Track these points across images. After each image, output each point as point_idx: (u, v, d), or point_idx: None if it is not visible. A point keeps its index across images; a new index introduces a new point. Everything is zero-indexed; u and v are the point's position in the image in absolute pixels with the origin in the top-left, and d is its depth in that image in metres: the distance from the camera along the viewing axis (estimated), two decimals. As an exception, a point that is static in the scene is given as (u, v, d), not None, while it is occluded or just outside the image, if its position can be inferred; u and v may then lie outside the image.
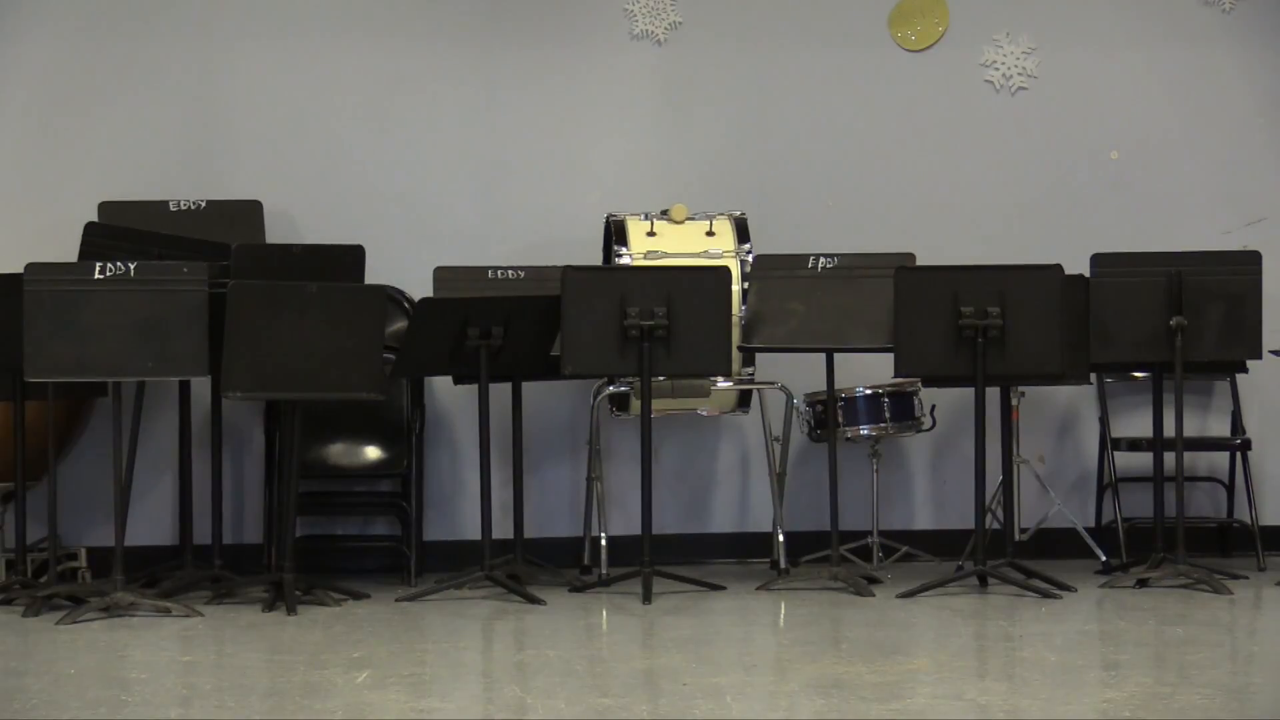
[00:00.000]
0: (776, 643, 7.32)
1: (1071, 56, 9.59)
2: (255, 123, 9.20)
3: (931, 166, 9.53)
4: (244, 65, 9.22)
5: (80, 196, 8.93)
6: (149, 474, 8.93)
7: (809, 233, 9.22)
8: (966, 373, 8.14)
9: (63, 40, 9.18)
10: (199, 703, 5.86)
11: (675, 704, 5.79)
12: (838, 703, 5.77)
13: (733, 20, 9.47)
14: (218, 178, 9.14)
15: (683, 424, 9.31)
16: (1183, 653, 6.76)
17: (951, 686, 6.04)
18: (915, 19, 9.57)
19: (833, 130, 9.50)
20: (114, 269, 7.55)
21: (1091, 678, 6.28)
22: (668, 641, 7.08)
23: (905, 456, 9.50)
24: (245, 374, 7.70)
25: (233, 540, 8.89)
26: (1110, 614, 7.73)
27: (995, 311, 8.05)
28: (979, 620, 7.58)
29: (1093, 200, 9.53)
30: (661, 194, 9.14)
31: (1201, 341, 8.25)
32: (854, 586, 8.19)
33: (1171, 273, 8.23)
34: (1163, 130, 9.60)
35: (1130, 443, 9.28)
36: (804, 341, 8.41)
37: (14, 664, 6.74)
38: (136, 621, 7.53)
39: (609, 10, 9.45)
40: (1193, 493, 9.36)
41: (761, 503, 9.26)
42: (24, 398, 8.09)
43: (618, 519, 9.07)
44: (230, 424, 8.91)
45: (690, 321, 8.12)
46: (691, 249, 8.74)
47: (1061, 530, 9.13)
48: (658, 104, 9.48)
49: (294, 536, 7.98)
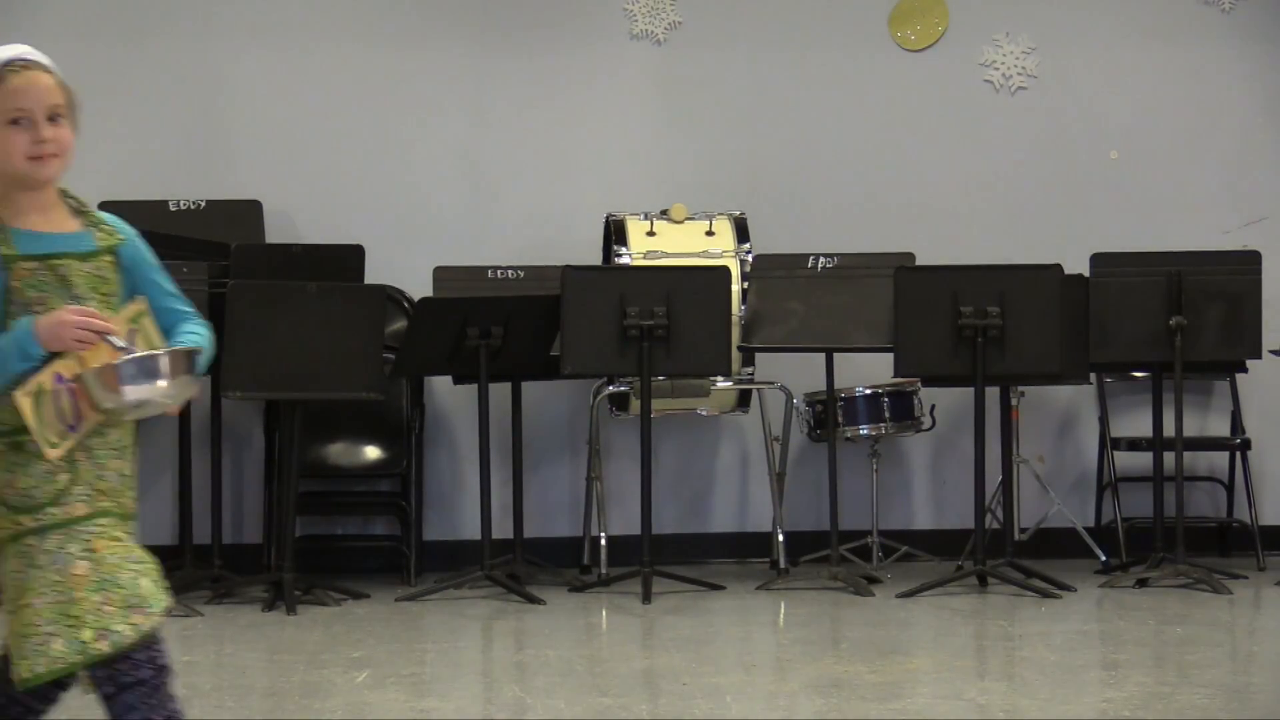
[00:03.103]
0: (776, 642, 7.33)
1: (1071, 56, 9.59)
2: (255, 123, 9.20)
3: (931, 166, 9.53)
4: (244, 65, 9.22)
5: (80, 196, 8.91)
6: (148, 473, 8.92)
7: (809, 232, 9.21)
8: (966, 372, 8.14)
9: (62, 40, 9.17)
10: (199, 702, 5.86)
11: (675, 704, 5.80)
12: (837, 703, 5.78)
13: (733, 20, 9.47)
14: (217, 177, 9.15)
15: (682, 424, 9.31)
16: (1182, 652, 6.77)
17: (951, 686, 6.04)
18: (915, 19, 9.57)
19: (832, 130, 9.50)
20: (114, 269, 7.53)
21: (1091, 677, 6.29)
22: (667, 641, 7.08)
23: (905, 456, 9.50)
24: (245, 374, 7.71)
25: (232, 540, 8.88)
26: (1110, 614, 7.74)
27: (995, 311, 8.05)
28: (979, 620, 7.59)
29: (1092, 200, 9.54)
30: (661, 194, 9.14)
31: (1201, 341, 8.25)
32: (854, 586, 8.19)
33: (1171, 272, 8.23)
34: (1162, 130, 9.60)
35: (1130, 442, 9.28)
36: (803, 341, 8.42)
37: (14, 664, 6.74)
38: (136, 621, 7.52)
39: (609, 10, 9.45)
40: (1192, 492, 9.35)
41: (761, 502, 9.26)
42: (24, 397, 8.08)
43: (617, 519, 9.07)
44: (230, 424, 8.91)
45: (690, 321, 8.12)
46: (691, 249, 8.74)
47: (1061, 530, 9.14)
48: (657, 104, 9.48)
49: (294, 536, 7.99)
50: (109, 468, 3.89)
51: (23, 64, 3.88)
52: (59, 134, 3.87)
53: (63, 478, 3.81)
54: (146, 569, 3.86)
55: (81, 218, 3.97)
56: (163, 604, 3.84)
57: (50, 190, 3.93)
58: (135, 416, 3.89)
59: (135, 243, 4.02)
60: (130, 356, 3.80)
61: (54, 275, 3.85)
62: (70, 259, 3.88)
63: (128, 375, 3.78)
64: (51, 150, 3.85)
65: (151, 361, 3.82)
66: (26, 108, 3.83)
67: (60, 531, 3.79)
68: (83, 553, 3.78)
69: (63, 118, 3.89)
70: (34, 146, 3.83)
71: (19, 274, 3.82)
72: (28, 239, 3.86)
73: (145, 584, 3.82)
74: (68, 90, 3.93)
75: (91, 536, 3.80)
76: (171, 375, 3.84)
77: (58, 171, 3.90)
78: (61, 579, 3.76)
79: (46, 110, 3.85)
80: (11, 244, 3.84)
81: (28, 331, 3.78)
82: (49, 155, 3.85)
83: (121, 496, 3.90)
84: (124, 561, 3.82)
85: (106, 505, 3.85)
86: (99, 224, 3.96)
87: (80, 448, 3.83)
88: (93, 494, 3.83)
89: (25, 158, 3.83)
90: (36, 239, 3.86)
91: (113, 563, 3.80)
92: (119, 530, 3.86)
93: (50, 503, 3.80)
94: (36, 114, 3.84)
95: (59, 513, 3.80)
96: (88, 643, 3.73)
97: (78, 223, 3.95)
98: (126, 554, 3.83)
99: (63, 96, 3.90)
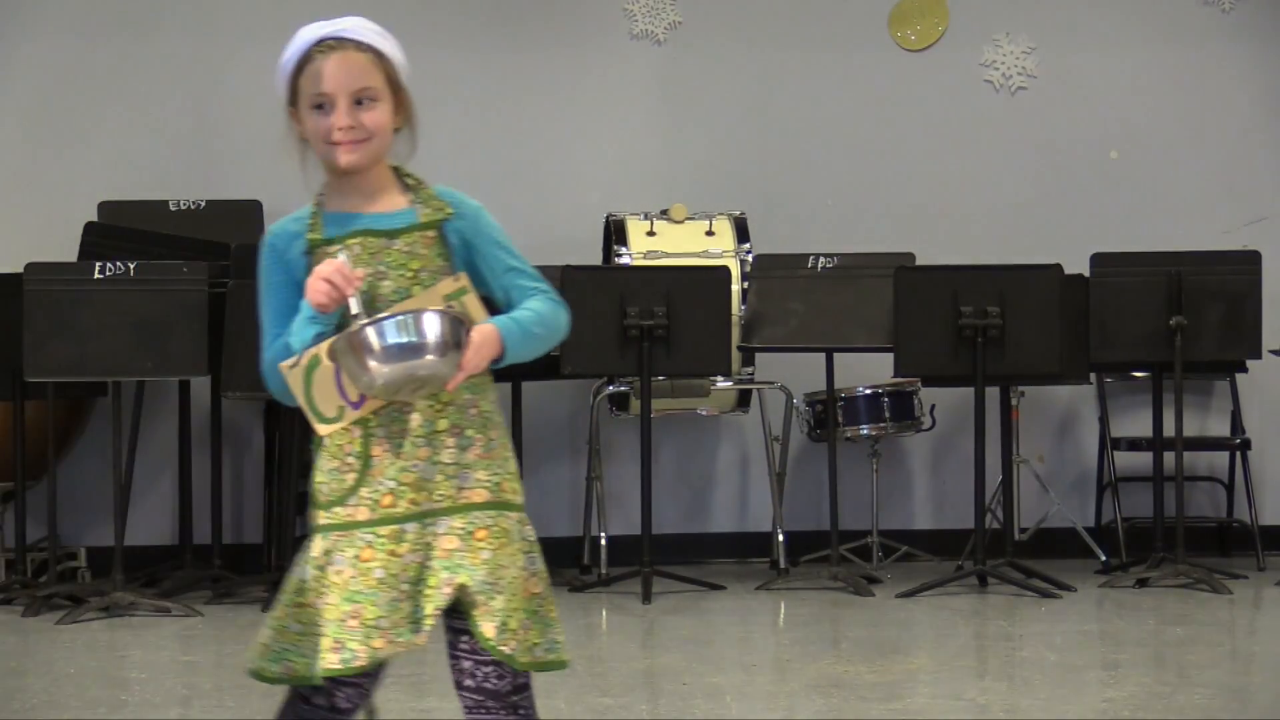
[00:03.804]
0: (776, 642, 7.33)
1: (1071, 56, 9.59)
2: (255, 123, 9.16)
3: (931, 166, 9.53)
4: (244, 65, 9.21)
5: (80, 196, 8.94)
6: (149, 474, 8.93)
7: (809, 232, 9.21)
8: (966, 372, 8.15)
9: (62, 39, 9.18)
10: (199, 702, 5.87)
11: (675, 704, 5.80)
12: (837, 703, 5.78)
13: (732, 20, 9.48)
14: (217, 178, 9.15)
15: (682, 424, 9.31)
16: (1182, 652, 6.77)
17: (951, 686, 6.04)
18: (915, 19, 9.57)
19: (832, 130, 9.50)
20: (113, 269, 7.55)
21: (1091, 677, 6.29)
22: (667, 641, 7.09)
23: (905, 456, 9.50)
24: (245, 374, 7.69)
25: (232, 540, 8.88)
26: (1110, 614, 7.74)
27: (995, 311, 8.05)
28: (979, 620, 7.59)
29: (1092, 200, 9.54)
30: (661, 193, 9.14)
31: (1201, 341, 8.25)
32: (854, 586, 8.19)
33: (1171, 272, 8.23)
34: (1162, 129, 9.60)
35: (1130, 442, 9.28)
36: (804, 341, 8.42)
37: (14, 663, 6.75)
38: (136, 621, 7.54)
39: (609, 10, 9.45)
40: (1192, 492, 9.36)
41: (761, 502, 9.26)
42: (24, 397, 8.09)
43: (617, 519, 9.07)
44: (230, 423, 8.91)
45: (690, 321, 8.12)
46: (691, 249, 8.74)
47: (1061, 530, 9.14)
48: (657, 103, 9.48)
49: (294, 536, 7.98)
50: (416, 457, 3.57)
51: (333, 43, 3.62)
52: (365, 118, 3.61)
53: (349, 477, 3.57)
54: (425, 594, 3.53)
55: (411, 194, 3.74)
56: (408, 636, 3.53)
57: (374, 172, 3.70)
58: (397, 395, 3.52)
59: (470, 217, 3.81)
60: (365, 321, 3.47)
61: (354, 256, 3.60)
62: (375, 236, 3.63)
63: (371, 343, 3.44)
64: (350, 138, 3.61)
65: (399, 327, 3.45)
66: (327, 92, 3.60)
67: (340, 533, 3.56)
68: (350, 560, 3.53)
69: (375, 100, 3.63)
70: (334, 133, 3.60)
71: (320, 259, 3.59)
72: (338, 221, 3.65)
73: (413, 606, 3.53)
74: (387, 64, 3.66)
75: (365, 545, 3.53)
76: (436, 345, 3.47)
77: (362, 159, 3.64)
78: (319, 582, 3.55)
79: (352, 94, 3.60)
80: (320, 229, 3.64)
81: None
82: (348, 143, 3.61)
83: (440, 488, 3.57)
84: (390, 579, 3.52)
85: (401, 510, 3.54)
86: (428, 200, 3.74)
87: (379, 438, 3.57)
88: (380, 497, 3.55)
89: (326, 143, 3.62)
90: (347, 220, 3.65)
91: (377, 578, 3.52)
92: (420, 537, 3.55)
93: (337, 502, 3.57)
94: (338, 99, 3.60)
95: (343, 513, 3.56)
96: (323, 654, 3.52)
97: (405, 200, 3.73)
98: (398, 571, 3.53)
99: (377, 76, 3.63)
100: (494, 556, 3.56)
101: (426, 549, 3.56)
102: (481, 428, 3.67)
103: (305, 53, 3.63)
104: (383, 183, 3.72)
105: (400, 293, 3.60)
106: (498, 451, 3.69)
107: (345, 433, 3.59)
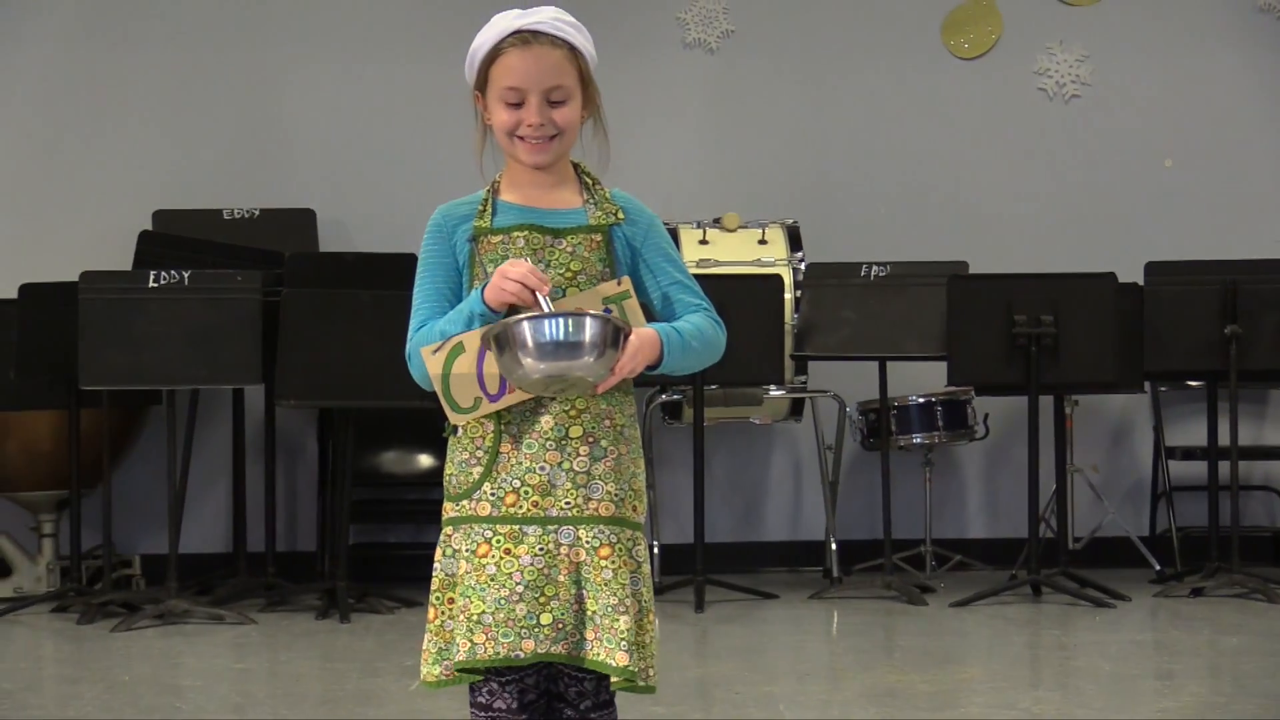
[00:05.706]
0: (829, 651, 7.31)
1: (1124, 64, 9.56)
2: (309, 131, 9.23)
3: (984, 174, 9.51)
4: (298, 74, 9.26)
5: (134, 205, 8.99)
6: (203, 482, 8.96)
7: (862, 241, 9.20)
8: (1020, 381, 8.12)
9: (118, 49, 9.23)
10: (253, 710, 5.88)
11: (728, 712, 5.79)
12: (891, 711, 5.76)
13: (785, 28, 9.47)
14: (271, 186, 9.18)
15: (735, 432, 9.31)
16: (1238, 662, 6.73)
17: (1005, 696, 6.02)
18: (968, 27, 9.55)
19: (885, 138, 9.49)
20: (168, 277, 7.58)
21: (1146, 687, 6.26)
22: (720, 650, 7.08)
23: (958, 465, 9.48)
24: (298, 382, 7.72)
25: (286, 548, 8.91)
26: (1164, 623, 7.70)
27: (1049, 320, 8.02)
28: (1032, 629, 7.56)
29: (1146, 208, 9.50)
30: (714, 202, 9.14)
31: (1256, 350, 8.21)
32: (907, 595, 8.17)
33: (1226, 281, 8.19)
34: (1216, 138, 9.56)
35: (1185, 451, 9.24)
36: (856, 350, 8.40)
37: (69, 671, 6.78)
38: (190, 629, 7.56)
39: (661, 19, 9.46)
40: (1247, 502, 9.31)
41: (814, 511, 9.25)
42: (79, 406, 8.14)
43: (670, 527, 9.07)
44: (284, 432, 8.95)
45: (743, 330, 8.10)
46: (744, 257, 8.74)
47: (1115, 539, 9.11)
48: (710, 112, 9.48)
49: (347, 544, 8.00)
50: (544, 460, 3.53)
51: (528, 35, 3.57)
52: (556, 116, 3.58)
53: (476, 471, 3.54)
54: (534, 600, 3.51)
55: (586, 194, 3.70)
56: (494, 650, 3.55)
57: (557, 168, 3.67)
58: (545, 392, 3.48)
59: (643, 225, 3.72)
60: (523, 315, 3.41)
61: (517, 249, 3.56)
62: (542, 233, 3.59)
63: (528, 339, 3.39)
64: (540, 134, 3.58)
65: (559, 325, 3.40)
66: (519, 87, 3.56)
67: (466, 526, 3.55)
68: (467, 553, 3.54)
69: (567, 98, 3.59)
70: (523, 129, 3.57)
71: (485, 248, 3.58)
72: (510, 212, 3.63)
73: (527, 611, 3.51)
74: (580, 60, 3.61)
75: (483, 540, 3.52)
76: (593, 347, 3.42)
77: (547, 157, 3.61)
78: (440, 578, 3.60)
79: (544, 92, 3.56)
80: (489, 217, 3.62)
81: (477, 291, 3.54)
82: (537, 140, 3.58)
83: (567, 495, 3.53)
84: (502, 576, 3.51)
85: (523, 511, 3.51)
86: (602, 202, 3.69)
87: (510, 435, 3.54)
88: (504, 494, 3.52)
89: (514, 137, 3.59)
90: (517, 212, 3.62)
91: (489, 575, 3.52)
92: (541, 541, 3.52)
93: (464, 494, 3.55)
94: (530, 96, 3.56)
95: (468, 506, 3.55)
96: (441, 649, 3.64)
97: (580, 199, 3.69)
98: (511, 572, 3.51)
99: (570, 73, 3.58)
100: (614, 576, 3.55)
101: (549, 557, 3.53)
102: (615, 440, 3.59)
103: (498, 43, 3.59)
104: (562, 178, 3.70)
105: (555, 292, 3.55)
106: (627, 467, 3.62)
107: (479, 425, 3.56)
